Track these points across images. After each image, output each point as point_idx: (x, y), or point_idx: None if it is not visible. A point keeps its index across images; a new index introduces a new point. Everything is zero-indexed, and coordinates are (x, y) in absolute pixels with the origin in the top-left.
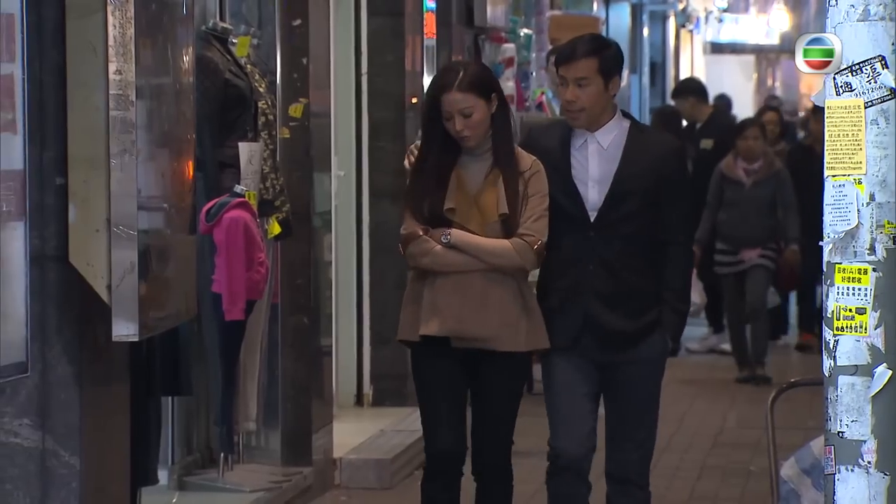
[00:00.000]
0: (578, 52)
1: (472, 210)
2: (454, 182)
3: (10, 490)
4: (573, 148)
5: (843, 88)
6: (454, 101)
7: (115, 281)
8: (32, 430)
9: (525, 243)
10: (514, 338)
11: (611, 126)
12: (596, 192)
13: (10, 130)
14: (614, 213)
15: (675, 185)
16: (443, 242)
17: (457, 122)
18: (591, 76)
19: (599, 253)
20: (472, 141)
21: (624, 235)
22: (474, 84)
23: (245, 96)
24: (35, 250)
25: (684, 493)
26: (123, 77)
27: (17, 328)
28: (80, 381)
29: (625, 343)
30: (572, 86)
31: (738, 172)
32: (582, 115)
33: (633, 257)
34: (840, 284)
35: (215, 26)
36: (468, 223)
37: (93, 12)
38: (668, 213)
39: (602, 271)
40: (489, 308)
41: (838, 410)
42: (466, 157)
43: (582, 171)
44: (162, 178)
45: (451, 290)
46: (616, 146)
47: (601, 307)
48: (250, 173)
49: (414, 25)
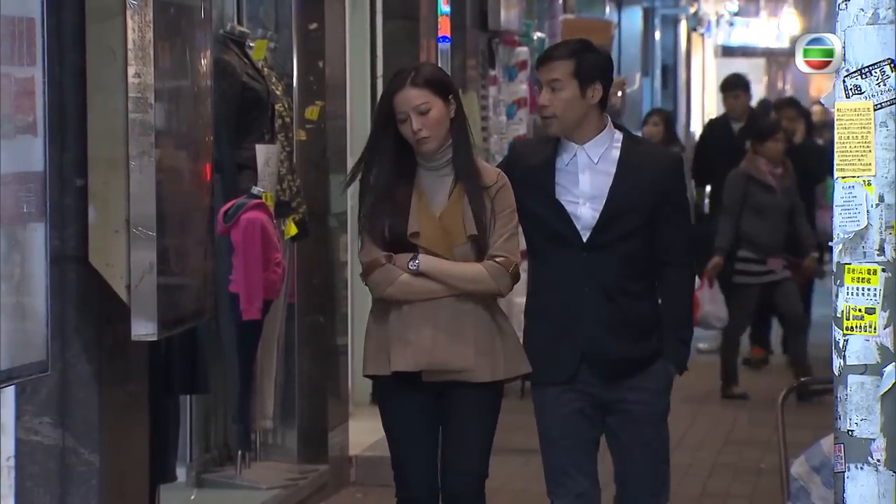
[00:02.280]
0: (554, 53)
1: (438, 232)
2: (416, 202)
3: (30, 487)
4: (561, 164)
5: (852, 91)
6: (409, 97)
7: (135, 281)
8: (52, 428)
9: (499, 266)
10: (491, 367)
11: (601, 139)
12: (588, 210)
13: (31, 132)
14: (610, 232)
15: (675, 201)
16: (411, 270)
17: (413, 121)
18: (565, 79)
19: (595, 275)
20: (432, 143)
21: (622, 256)
22: (430, 81)
23: (262, 99)
24: (55, 251)
25: (696, 490)
26: (142, 80)
27: (37, 327)
28: (100, 379)
29: (628, 371)
30: (546, 89)
31: (769, 177)
32: (554, 122)
33: (633, 280)
34: (849, 285)
35: (233, 30)
36: (434, 247)
37: (112, 16)
38: (668, 232)
39: (599, 295)
40: (463, 337)
41: (848, 409)
42: (425, 171)
43: (572, 188)
44: (180, 179)
45: (420, 321)
46: (608, 160)
47: (599, 334)
48: (267, 175)
49: (428, 29)
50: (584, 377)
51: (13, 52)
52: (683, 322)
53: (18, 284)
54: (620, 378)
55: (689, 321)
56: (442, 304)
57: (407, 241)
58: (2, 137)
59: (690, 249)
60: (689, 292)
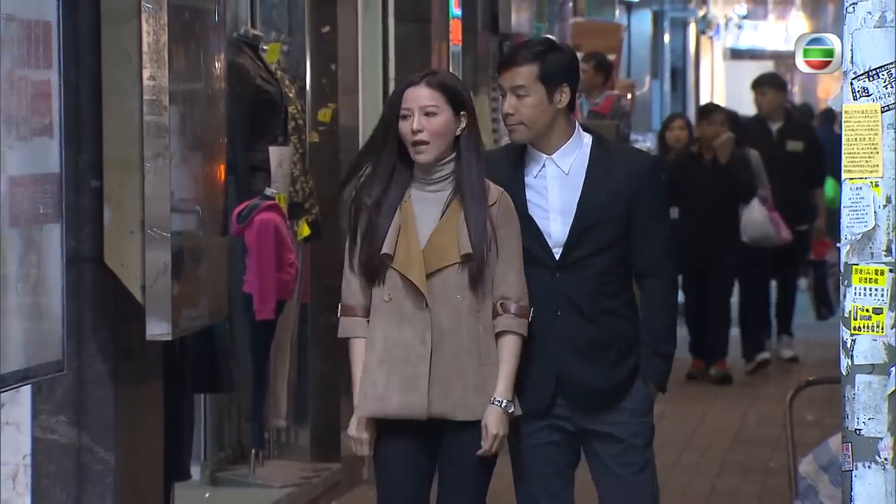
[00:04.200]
0: (517, 57)
1: (413, 253)
2: (398, 220)
3: (47, 485)
4: (529, 176)
5: (860, 93)
6: (419, 95)
7: (149, 281)
8: (68, 427)
9: (521, 321)
10: (483, 402)
11: (570, 146)
12: (559, 226)
13: (47, 134)
14: (582, 247)
15: (650, 208)
16: (510, 413)
17: (416, 119)
18: (530, 84)
19: (569, 296)
20: (429, 152)
21: (597, 273)
22: (445, 87)
23: (275, 101)
24: (71, 251)
25: (705, 489)
26: (157, 83)
27: (53, 327)
28: (115, 379)
29: (606, 401)
30: (510, 95)
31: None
32: (521, 128)
33: (610, 297)
34: (857, 285)
35: (246, 33)
36: (407, 270)
37: (127, 20)
38: (643, 241)
39: (573, 317)
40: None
41: (855, 408)
42: (417, 185)
43: (541, 202)
44: (194, 181)
45: (403, 361)
46: (579, 169)
47: (575, 359)
48: (280, 176)
49: (440, 32)
50: (560, 408)
51: (29, 55)
52: (662, 336)
53: (35, 285)
54: (598, 408)
55: (671, 336)
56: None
57: (381, 264)
58: (18, 139)
59: (670, 258)
60: (669, 304)
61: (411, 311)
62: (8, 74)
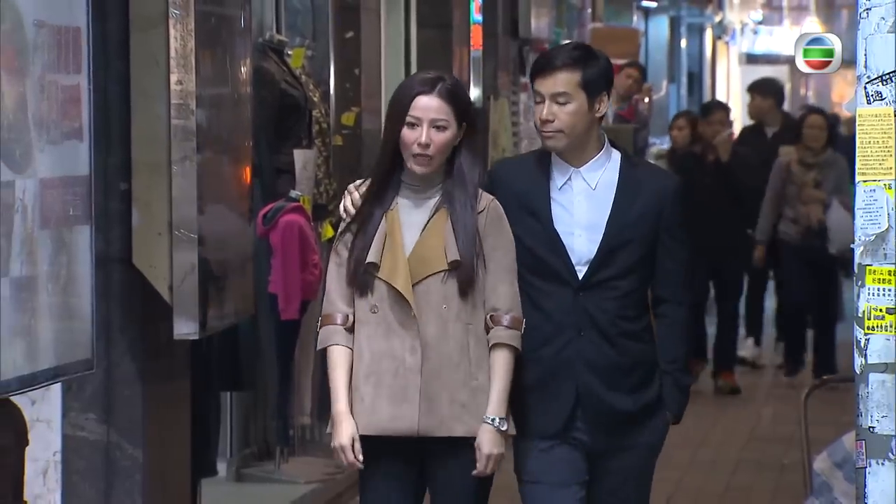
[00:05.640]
0: (557, 62)
1: (399, 261)
2: (383, 227)
3: (77, 481)
4: (554, 189)
5: (873, 97)
6: (430, 106)
7: (177, 282)
8: (98, 424)
9: (513, 332)
10: (471, 419)
11: (599, 160)
12: (584, 243)
13: (77, 138)
14: (610, 268)
15: (673, 230)
16: (503, 431)
17: (424, 132)
18: (572, 91)
19: (591, 316)
20: (429, 167)
21: (621, 295)
22: (456, 99)
23: (300, 105)
24: (100, 253)
25: (720, 485)
26: (184, 87)
27: (83, 326)
28: (143, 377)
29: (627, 426)
30: (549, 102)
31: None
32: (560, 136)
33: (634, 320)
34: (871, 285)
35: (272, 39)
36: (393, 279)
37: (155, 26)
38: (665, 264)
39: (596, 339)
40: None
41: (869, 406)
42: (405, 193)
43: (566, 218)
44: (221, 183)
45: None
46: (607, 185)
47: (596, 382)
48: (305, 179)
49: (461, 37)
50: (578, 431)
51: (60, 60)
52: (681, 367)
53: (65, 285)
54: (618, 432)
55: (686, 365)
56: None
57: (367, 273)
58: (49, 143)
59: (686, 284)
60: (686, 333)
61: (398, 321)
62: (39, 79)
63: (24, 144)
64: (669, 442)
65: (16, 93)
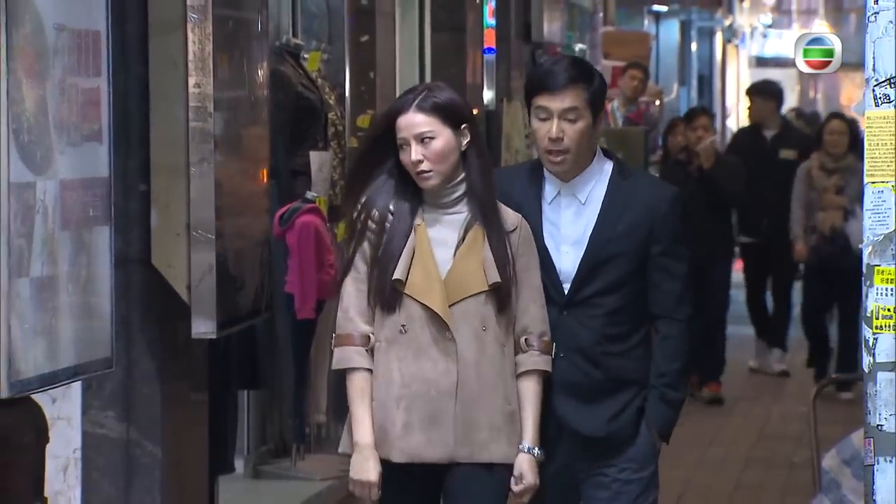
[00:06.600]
0: (561, 78)
1: (433, 281)
2: (411, 242)
3: (97, 478)
4: (545, 203)
5: (881, 100)
6: (410, 123)
7: (195, 282)
8: (117, 422)
9: (547, 358)
10: (505, 445)
11: (591, 172)
12: (570, 258)
13: (97, 140)
14: (593, 284)
15: (668, 244)
16: (538, 457)
17: (413, 150)
18: (582, 108)
19: (575, 337)
20: (434, 179)
21: (606, 314)
22: (440, 107)
23: (316, 108)
24: (120, 253)
25: (730, 483)
26: (202, 90)
27: (103, 326)
28: (162, 376)
29: (603, 449)
30: (558, 120)
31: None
32: (567, 158)
33: (620, 340)
34: (879, 285)
35: (288, 42)
36: (424, 297)
37: (174, 29)
38: (658, 279)
39: (576, 360)
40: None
41: (877, 404)
42: (429, 208)
43: (555, 233)
44: (238, 184)
45: (425, 398)
46: (595, 199)
47: (572, 407)
48: (321, 180)
49: (475, 40)
50: (562, 452)
51: (80, 63)
52: (671, 382)
53: (85, 285)
54: (595, 456)
55: (680, 382)
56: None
57: (394, 290)
58: (69, 145)
59: (686, 300)
60: (682, 349)
61: (430, 342)
62: (59, 82)
63: (45, 146)
64: (679, 440)
65: (36, 95)
